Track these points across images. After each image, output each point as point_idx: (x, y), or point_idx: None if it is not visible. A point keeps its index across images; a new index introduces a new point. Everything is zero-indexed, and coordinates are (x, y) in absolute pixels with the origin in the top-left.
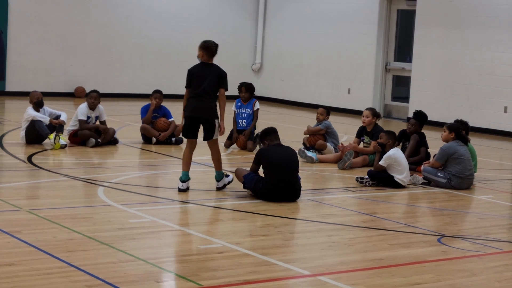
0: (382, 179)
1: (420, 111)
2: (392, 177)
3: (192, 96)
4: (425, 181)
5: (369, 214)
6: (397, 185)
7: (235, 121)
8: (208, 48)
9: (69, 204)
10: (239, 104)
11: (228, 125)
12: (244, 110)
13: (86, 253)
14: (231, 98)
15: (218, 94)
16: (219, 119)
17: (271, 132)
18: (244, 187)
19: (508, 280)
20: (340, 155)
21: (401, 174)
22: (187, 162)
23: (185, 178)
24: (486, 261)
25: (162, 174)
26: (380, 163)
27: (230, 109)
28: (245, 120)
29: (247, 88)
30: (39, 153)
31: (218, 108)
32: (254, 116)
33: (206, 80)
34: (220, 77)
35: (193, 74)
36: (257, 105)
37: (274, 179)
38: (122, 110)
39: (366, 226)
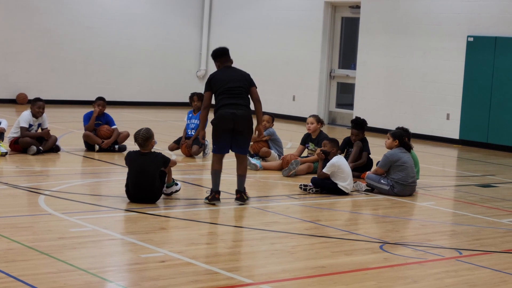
0: (325, 186)
1: (358, 118)
2: (336, 184)
3: None
4: (368, 188)
5: (312, 222)
6: (341, 192)
7: (185, 131)
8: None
9: (9, 213)
10: (190, 115)
11: (179, 133)
12: (194, 121)
13: (25, 263)
14: (180, 105)
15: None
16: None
17: (222, 54)
18: None
19: (448, 286)
20: (282, 163)
21: (345, 181)
22: None
23: None
24: (427, 268)
25: (105, 182)
26: (324, 170)
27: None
28: (194, 130)
29: (199, 97)
30: None
31: None
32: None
33: None
34: None
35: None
36: None
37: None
38: (65, 117)
39: (309, 233)
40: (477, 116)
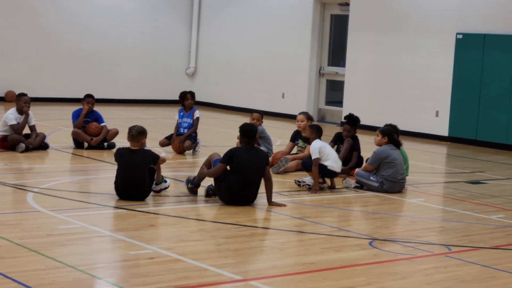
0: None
1: (352, 114)
2: (325, 166)
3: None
4: (357, 185)
5: (301, 218)
6: (331, 174)
7: (177, 129)
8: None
9: None
10: (182, 113)
11: (168, 130)
12: (186, 120)
13: (14, 260)
14: (169, 103)
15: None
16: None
17: (247, 133)
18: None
19: (437, 282)
20: (272, 160)
21: (328, 160)
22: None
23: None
24: (416, 264)
25: (94, 179)
26: (312, 156)
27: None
28: (186, 129)
29: (192, 96)
30: None
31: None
32: (194, 124)
33: None
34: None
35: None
36: (197, 113)
37: (236, 185)
38: (54, 115)
39: (299, 230)
40: (466, 113)
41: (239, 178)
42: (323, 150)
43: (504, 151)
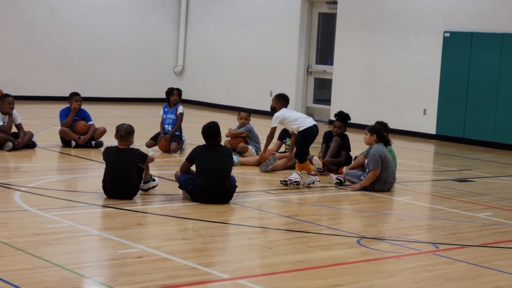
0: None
1: (342, 112)
2: (299, 130)
3: None
4: (337, 181)
5: (290, 217)
6: (311, 133)
7: (162, 125)
8: None
9: None
10: (166, 109)
11: (156, 129)
12: (170, 116)
13: (1, 259)
14: (157, 101)
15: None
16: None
17: (209, 132)
18: (179, 187)
19: (425, 280)
20: (260, 158)
21: (295, 123)
22: None
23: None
24: (404, 262)
25: (82, 178)
26: (272, 125)
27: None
28: (170, 126)
29: (179, 92)
30: None
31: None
32: (177, 120)
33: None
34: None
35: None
36: (180, 109)
37: (203, 181)
38: (41, 113)
39: (287, 228)
40: (454, 111)
41: (201, 176)
42: (286, 116)
43: (491, 149)
